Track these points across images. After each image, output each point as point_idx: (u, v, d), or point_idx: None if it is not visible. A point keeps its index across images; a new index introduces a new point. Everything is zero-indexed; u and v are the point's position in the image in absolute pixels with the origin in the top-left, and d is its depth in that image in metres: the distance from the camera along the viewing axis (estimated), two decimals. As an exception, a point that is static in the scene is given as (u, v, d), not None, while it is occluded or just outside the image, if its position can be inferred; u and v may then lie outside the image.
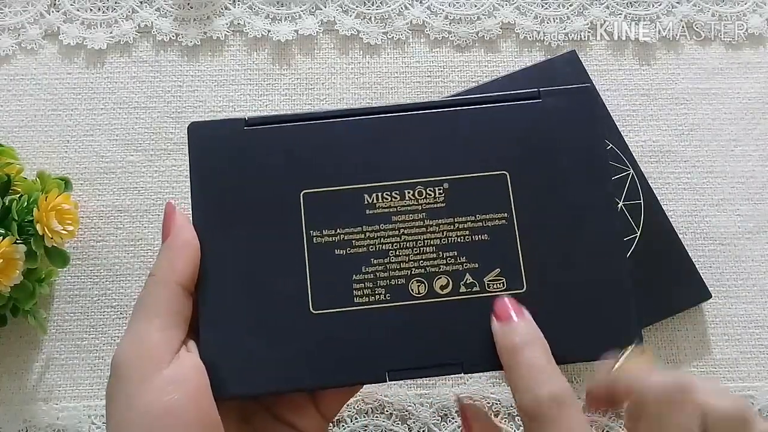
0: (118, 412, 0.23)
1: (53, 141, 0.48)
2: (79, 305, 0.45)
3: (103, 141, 0.48)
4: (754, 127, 0.49)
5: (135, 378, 0.23)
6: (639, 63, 0.50)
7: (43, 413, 0.43)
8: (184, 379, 0.24)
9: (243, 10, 0.50)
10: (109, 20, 0.50)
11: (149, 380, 0.23)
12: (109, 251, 0.46)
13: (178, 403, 0.23)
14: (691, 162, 0.48)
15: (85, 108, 0.48)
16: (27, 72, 0.49)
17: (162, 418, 0.22)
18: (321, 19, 0.50)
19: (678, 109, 0.50)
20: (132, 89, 0.49)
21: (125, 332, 0.25)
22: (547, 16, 0.51)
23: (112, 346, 0.44)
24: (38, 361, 0.44)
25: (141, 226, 0.46)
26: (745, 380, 0.44)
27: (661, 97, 0.50)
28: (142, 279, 0.45)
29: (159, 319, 0.25)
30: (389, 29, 0.50)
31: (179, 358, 0.24)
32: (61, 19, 0.49)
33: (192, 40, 0.49)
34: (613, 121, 0.47)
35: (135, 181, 0.47)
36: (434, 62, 0.50)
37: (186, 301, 0.26)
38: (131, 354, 0.24)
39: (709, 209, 0.47)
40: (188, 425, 0.22)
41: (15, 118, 0.48)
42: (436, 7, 0.51)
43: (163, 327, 0.25)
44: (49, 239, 0.40)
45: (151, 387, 0.23)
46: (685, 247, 0.45)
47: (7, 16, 0.49)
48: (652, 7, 0.51)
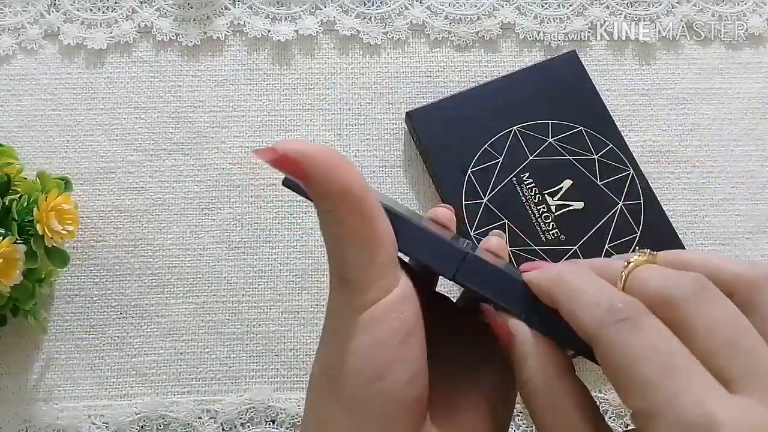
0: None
1: (53, 141, 0.48)
2: (79, 305, 0.45)
3: (103, 141, 0.48)
4: (754, 127, 0.49)
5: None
6: (639, 63, 0.50)
7: (43, 413, 0.43)
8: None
9: (243, 10, 0.50)
10: (109, 20, 0.50)
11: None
12: (109, 251, 0.46)
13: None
14: (691, 162, 0.48)
15: (85, 108, 0.48)
16: (27, 72, 0.49)
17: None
18: (321, 19, 0.50)
19: (678, 109, 0.50)
20: (132, 89, 0.49)
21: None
22: (547, 16, 0.51)
23: (112, 346, 0.44)
24: (38, 361, 0.44)
25: (141, 226, 0.46)
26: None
27: (661, 97, 0.50)
28: (142, 279, 0.45)
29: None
30: (389, 29, 0.50)
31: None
32: (61, 19, 0.49)
33: (192, 40, 0.49)
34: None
35: (135, 181, 0.47)
36: (434, 62, 0.50)
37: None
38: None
39: (709, 209, 0.47)
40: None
41: (15, 118, 0.48)
42: (436, 7, 0.51)
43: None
44: (49, 239, 0.40)
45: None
46: (685, 247, 0.45)
47: (7, 16, 0.49)
48: (652, 7, 0.51)
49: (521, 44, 0.51)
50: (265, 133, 0.48)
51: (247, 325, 0.45)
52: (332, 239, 0.20)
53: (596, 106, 0.47)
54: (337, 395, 0.20)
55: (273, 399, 0.43)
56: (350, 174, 0.19)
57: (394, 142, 0.49)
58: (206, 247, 0.46)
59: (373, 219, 0.20)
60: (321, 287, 0.46)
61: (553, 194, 0.45)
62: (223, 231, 0.46)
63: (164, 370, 0.44)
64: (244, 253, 0.46)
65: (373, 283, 0.20)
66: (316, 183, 0.19)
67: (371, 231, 0.20)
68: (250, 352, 0.44)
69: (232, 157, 0.48)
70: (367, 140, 0.48)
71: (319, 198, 0.19)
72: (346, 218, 0.19)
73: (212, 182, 0.47)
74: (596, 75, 0.49)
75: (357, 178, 0.19)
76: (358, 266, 0.20)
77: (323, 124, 0.49)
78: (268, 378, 0.44)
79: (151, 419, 0.43)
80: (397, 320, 0.20)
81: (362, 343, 0.20)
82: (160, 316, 0.45)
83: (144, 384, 0.44)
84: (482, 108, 0.46)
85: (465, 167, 0.45)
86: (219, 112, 0.48)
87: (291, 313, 0.45)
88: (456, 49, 0.50)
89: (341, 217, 0.19)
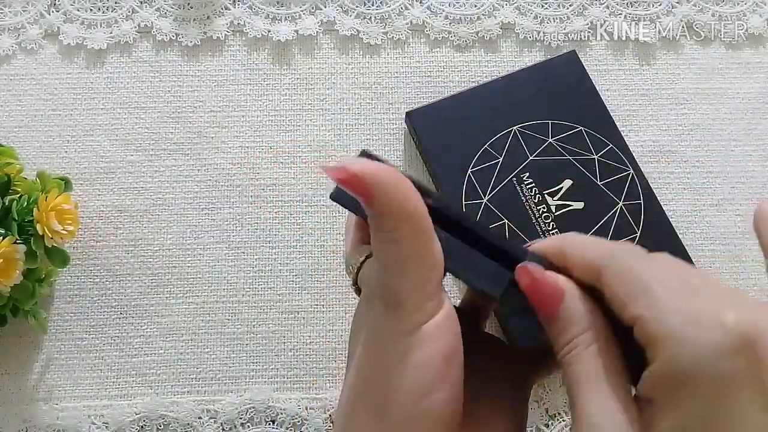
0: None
1: (53, 141, 0.47)
2: (79, 305, 0.45)
3: (103, 141, 0.48)
4: (754, 127, 0.49)
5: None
6: (639, 63, 0.50)
7: (43, 413, 0.43)
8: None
9: (243, 10, 0.50)
10: (109, 20, 0.50)
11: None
12: (109, 251, 0.46)
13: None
14: (691, 162, 0.48)
15: (85, 108, 0.48)
16: (27, 72, 0.49)
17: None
18: (321, 19, 0.50)
19: (678, 109, 0.50)
20: (132, 89, 0.49)
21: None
22: (547, 16, 0.51)
23: (112, 346, 0.44)
24: (38, 361, 0.44)
25: (141, 226, 0.46)
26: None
27: (661, 97, 0.50)
28: (142, 279, 0.45)
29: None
30: (389, 29, 0.50)
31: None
32: (61, 19, 0.49)
33: (192, 40, 0.49)
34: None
35: (135, 181, 0.47)
36: (434, 62, 0.50)
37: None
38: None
39: (709, 209, 0.47)
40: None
41: (15, 118, 0.48)
42: (436, 7, 0.51)
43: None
44: (49, 239, 0.40)
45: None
46: (685, 247, 0.45)
47: (7, 16, 0.49)
48: (652, 7, 0.51)
49: (521, 44, 0.51)
50: (265, 133, 0.48)
51: (247, 325, 0.45)
52: (387, 258, 0.20)
53: (596, 106, 0.47)
54: (382, 413, 0.21)
55: (273, 399, 0.43)
56: (412, 196, 0.20)
57: (394, 142, 0.49)
58: (206, 247, 0.46)
59: (429, 241, 0.20)
60: (321, 287, 0.46)
61: (553, 194, 0.45)
62: (223, 231, 0.46)
63: (164, 370, 0.44)
64: (244, 253, 0.46)
65: (422, 304, 0.20)
66: (379, 203, 0.19)
67: (427, 253, 0.20)
68: (250, 352, 0.44)
69: (232, 157, 0.48)
70: (367, 140, 0.48)
71: (380, 217, 0.20)
72: (404, 239, 0.20)
73: (212, 182, 0.47)
74: (596, 75, 0.49)
75: (418, 200, 0.20)
76: (411, 287, 0.20)
77: (323, 124, 0.49)
78: (268, 378, 0.44)
79: (151, 419, 0.43)
80: (443, 341, 0.20)
81: (411, 362, 0.20)
82: (160, 316, 0.45)
83: (144, 384, 0.44)
84: (482, 108, 0.46)
85: (465, 167, 0.45)
86: (219, 112, 0.48)
87: (291, 313, 0.45)
88: (456, 49, 0.50)
89: (400, 237, 0.20)
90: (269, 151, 0.48)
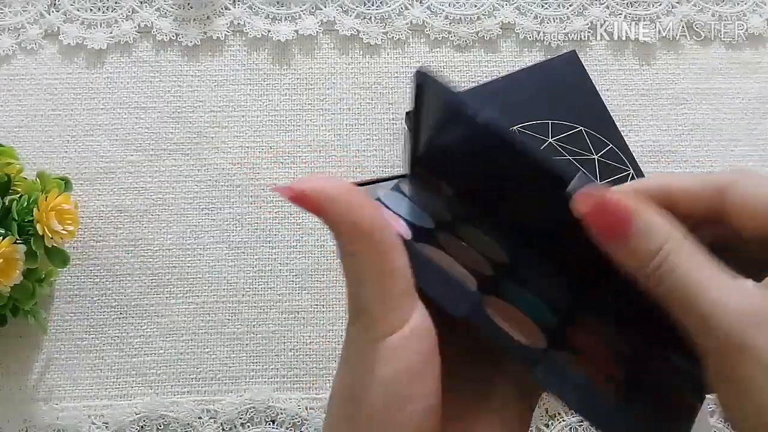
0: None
1: (53, 141, 0.48)
2: (79, 305, 0.45)
3: (103, 141, 0.48)
4: (754, 127, 0.49)
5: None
6: (639, 63, 0.50)
7: (43, 413, 0.43)
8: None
9: (243, 10, 0.50)
10: (109, 20, 0.50)
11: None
12: (109, 251, 0.46)
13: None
14: (691, 162, 0.48)
15: (85, 108, 0.48)
16: (27, 72, 0.49)
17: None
18: (321, 19, 0.50)
19: (678, 109, 0.50)
20: (132, 89, 0.49)
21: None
22: (547, 16, 0.51)
23: (112, 346, 0.44)
24: (38, 361, 0.44)
25: (141, 226, 0.46)
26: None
27: (661, 97, 0.50)
28: (142, 279, 0.45)
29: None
30: (389, 29, 0.50)
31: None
32: (61, 19, 0.49)
33: (192, 40, 0.49)
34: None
35: (135, 181, 0.47)
36: (434, 62, 0.50)
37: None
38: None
39: (709, 209, 0.47)
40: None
41: (15, 118, 0.48)
42: (436, 7, 0.51)
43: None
44: (49, 239, 0.40)
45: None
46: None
47: (7, 16, 0.49)
48: (652, 7, 0.51)
49: (521, 44, 0.51)
50: (265, 133, 0.48)
51: (247, 325, 0.45)
52: (348, 272, 0.21)
53: (596, 106, 0.47)
54: (356, 425, 0.20)
55: (273, 399, 0.43)
56: (366, 211, 0.20)
57: (394, 142, 0.49)
58: (206, 247, 0.46)
59: (386, 254, 0.20)
60: (321, 287, 0.46)
61: (553, 194, 0.45)
62: (223, 231, 0.46)
63: (164, 370, 0.44)
64: (244, 253, 0.46)
65: (386, 315, 0.20)
66: (332, 220, 0.20)
67: (384, 266, 0.20)
68: (250, 352, 0.44)
69: (232, 157, 0.48)
70: (367, 140, 0.48)
71: (336, 233, 0.20)
72: (360, 253, 0.20)
73: (212, 182, 0.47)
74: (596, 75, 0.49)
75: (372, 215, 0.20)
76: (372, 299, 0.20)
77: (323, 124, 0.49)
78: (268, 378, 0.44)
79: (151, 419, 0.43)
80: (410, 353, 0.20)
81: (378, 376, 0.20)
82: (160, 316, 0.45)
83: (144, 384, 0.44)
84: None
85: (465, 167, 0.45)
86: (219, 112, 0.48)
87: (291, 313, 0.45)
88: (456, 49, 0.50)
89: (355, 251, 0.20)
90: (269, 151, 0.48)
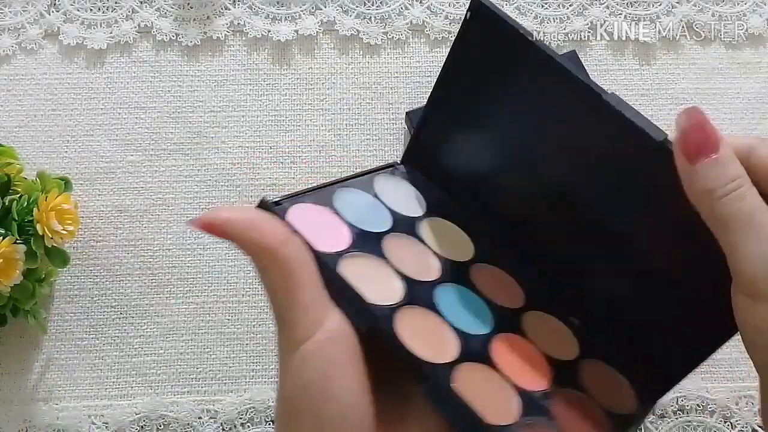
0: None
1: (53, 141, 0.48)
2: (79, 305, 0.45)
3: (103, 141, 0.48)
4: (754, 127, 0.49)
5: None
6: (639, 63, 0.50)
7: (43, 413, 0.43)
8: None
9: (243, 10, 0.50)
10: (109, 20, 0.50)
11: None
12: (109, 251, 0.46)
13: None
14: (691, 162, 0.48)
15: (85, 108, 0.48)
16: (27, 72, 0.49)
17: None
18: (321, 19, 0.50)
19: (678, 109, 0.49)
20: (132, 89, 0.49)
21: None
22: (547, 16, 0.51)
23: (112, 346, 0.44)
24: (38, 361, 0.44)
25: (141, 226, 0.46)
26: (745, 380, 0.44)
27: (661, 97, 0.50)
28: (142, 279, 0.45)
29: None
30: (389, 29, 0.50)
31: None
32: (61, 19, 0.49)
33: (192, 40, 0.49)
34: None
35: (135, 181, 0.47)
36: (434, 62, 0.50)
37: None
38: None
39: (709, 209, 0.47)
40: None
41: (15, 118, 0.48)
42: (436, 7, 0.51)
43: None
44: (49, 239, 0.40)
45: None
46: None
47: (7, 16, 0.49)
48: (652, 7, 0.51)
49: (521, 44, 0.51)
50: (265, 133, 0.48)
51: (247, 325, 0.45)
52: (264, 286, 0.23)
53: (596, 106, 0.47)
54: (291, 426, 0.22)
55: (273, 399, 0.43)
56: (267, 233, 0.22)
57: (394, 142, 0.49)
58: (206, 247, 0.46)
59: (291, 268, 0.22)
60: (321, 287, 0.46)
61: (553, 194, 0.45)
62: (223, 231, 0.46)
63: (164, 370, 0.44)
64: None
65: (297, 323, 0.22)
66: (239, 242, 0.22)
67: (290, 278, 0.22)
68: (250, 352, 0.45)
69: (232, 157, 0.48)
70: (367, 140, 0.49)
71: (246, 253, 0.23)
72: (267, 268, 0.22)
73: (212, 182, 0.47)
74: (596, 75, 0.49)
75: (274, 235, 0.22)
76: (285, 309, 0.22)
77: (323, 124, 0.49)
78: (268, 378, 0.44)
79: (151, 419, 0.43)
80: (327, 355, 0.22)
81: (299, 380, 0.21)
82: (160, 316, 0.45)
83: (144, 384, 0.44)
84: (482, 108, 0.46)
85: (465, 167, 0.45)
86: (219, 112, 0.48)
87: (291, 313, 0.45)
88: (456, 49, 0.50)
89: (263, 267, 0.22)
90: (269, 151, 0.48)
